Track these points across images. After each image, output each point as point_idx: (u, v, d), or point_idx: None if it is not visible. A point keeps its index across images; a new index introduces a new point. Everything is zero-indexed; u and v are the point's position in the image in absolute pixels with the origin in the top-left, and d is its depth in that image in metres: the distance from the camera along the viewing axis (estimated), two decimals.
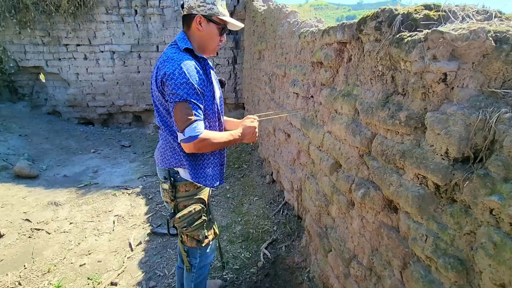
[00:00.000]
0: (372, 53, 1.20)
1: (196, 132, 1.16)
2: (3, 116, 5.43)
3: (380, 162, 1.16)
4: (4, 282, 2.07)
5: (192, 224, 1.32)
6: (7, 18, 5.48)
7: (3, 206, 3.08)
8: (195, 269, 1.47)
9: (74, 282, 2.09)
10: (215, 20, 1.26)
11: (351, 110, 1.38)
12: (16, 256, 2.36)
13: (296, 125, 2.24)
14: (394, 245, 1.08)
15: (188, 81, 1.14)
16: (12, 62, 5.80)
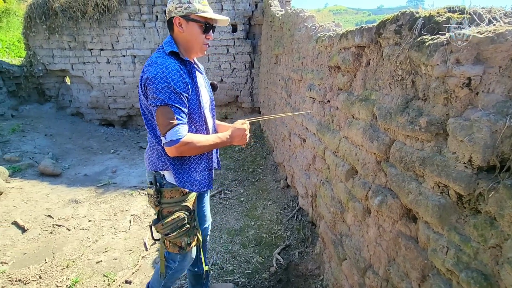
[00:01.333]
0: (392, 57, 1.17)
1: (177, 136, 1.15)
2: (31, 117, 5.73)
3: (398, 169, 1.12)
4: (26, 275, 2.16)
5: (175, 231, 1.31)
6: (37, 24, 5.81)
7: (28, 202, 3.23)
8: (171, 271, 1.45)
9: (91, 278, 2.15)
10: (194, 18, 1.22)
11: (368, 115, 1.35)
12: (38, 250, 2.46)
13: (311, 130, 2.22)
14: (412, 256, 1.04)
15: (169, 85, 1.13)
16: (40, 66, 6.12)
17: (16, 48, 10.26)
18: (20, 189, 3.51)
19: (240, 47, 5.67)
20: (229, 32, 5.62)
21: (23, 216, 2.93)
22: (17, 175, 3.88)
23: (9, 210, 3.03)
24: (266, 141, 4.77)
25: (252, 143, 4.83)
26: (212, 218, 2.88)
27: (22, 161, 4.15)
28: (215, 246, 2.51)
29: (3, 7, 11.78)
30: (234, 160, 4.43)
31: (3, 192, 3.33)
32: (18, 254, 2.41)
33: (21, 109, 5.79)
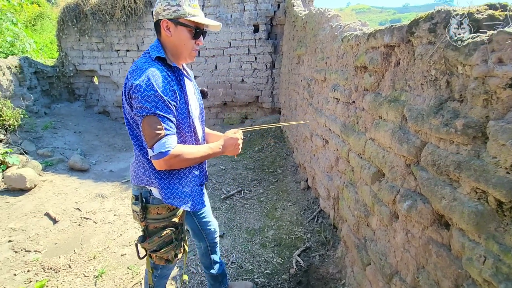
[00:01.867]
0: (425, 57, 1.13)
1: (166, 148, 1.06)
2: (62, 115, 6.04)
3: (430, 173, 1.08)
4: (57, 263, 2.28)
5: (162, 248, 1.26)
6: (69, 27, 6.12)
7: (58, 195, 3.41)
8: (156, 278, 1.42)
9: (116, 270, 2.23)
10: (183, 22, 1.13)
11: (398, 116, 1.31)
12: (68, 241, 2.59)
13: (335, 131, 2.18)
14: (444, 264, 0.99)
15: (156, 93, 1.04)
16: (71, 66, 6.45)
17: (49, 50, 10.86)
18: (51, 183, 3.71)
19: (262, 47, 5.68)
20: (251, 33, 5.64)
21: (54, 208, 3.09)
22: (49, 169, 4.11)
23: (42, 202, 3.22)
24: (286, 142, 4.75)
25: (272, 143, 4.82)
26: (231, 217, 2.93)
27: (53, 156, 4.39)
28: (235, 245, 2.53)
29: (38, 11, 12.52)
30: (253, 160, 4.44)
31: (37, 185, 3.54)
32: (50, 243, 2.55)
33: (53, 107, 6.12)
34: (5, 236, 2.63)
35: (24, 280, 2.13)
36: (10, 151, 3.84)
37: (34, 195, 3.36)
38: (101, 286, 2.08)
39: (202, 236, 1.61)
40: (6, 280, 2.13)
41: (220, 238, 2.60)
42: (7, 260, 2.34)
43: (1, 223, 2.82)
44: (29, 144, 4.44)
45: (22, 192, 3.39)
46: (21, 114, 4.59)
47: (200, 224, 1.58)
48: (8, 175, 3.38)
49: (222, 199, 3.29)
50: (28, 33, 9.09)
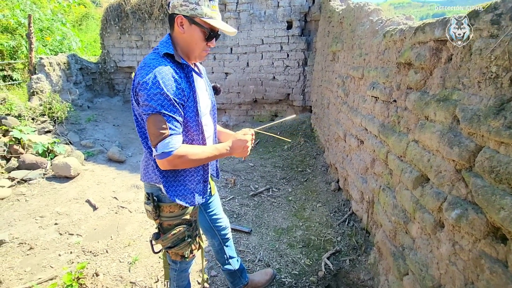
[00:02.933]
0: (484, 52, 1.02)
1: (169, 148, 1.04)
2: (103, 108, 6.43)
3: (487, 180, 0.97)
4: (96, 247, 2.43)
5: (177, 245, 1.28)
6: (112, 26, 6.48)
7: (98, 184, 3.64)
8: (176, 272, 1.45)
9: (148, 259, 2.33)
10: (198, 22, 1.09)
11: (448, 117, 1.20)
12: (106, 227, 2.75)
13: (372, 131, 2.08)
14: (499, 282, 0.89)
15: (162, 91, 1.02)
16: (112, 63, 6.83)
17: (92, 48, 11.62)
18: (92, 172, 3.97)
19: (295, 44, 5.59)
20: (284, 29, 5.57)
21: (94, 196, 3.30)
22: (90, 159, 4.39)
23: (83, 190, 3.45)
24: (316, 141, 4.64)
25: (302, 142, 4.74)
26: (259, 214, 2.92)
27: (94, 147, 4.69)
28: (262, 242, 2.52)
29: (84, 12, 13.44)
30: (282, 159, 4.40)
31: (80, 174, 3.80)
32: (90, 228, 2.72)
33: (95, 101, 6.54)
34: (52, 219, 2.86)
35: (67, 260, 2.30)
36: (57, 141, 4.16)
37: (77, 183, 3.62)
38: (134, 272, 2.18)
39: (214, 232, 1.62)
40: (52, 259, 2.31)
41: (247, 235, 2.61)
42: (53, 241, 2.54)
43: (49, 207, 3.06)
44: (74, 135, 4.78)
45: (67, 179, 3.66)
46: (68, 107, 4.96)
47: (211, 220, 1.59)
48: (56, 163, 3.67)
49: (250, 196, 3.29)
50: (75, 32, 9.80)
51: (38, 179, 3.56)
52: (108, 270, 2.19)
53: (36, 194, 3.31)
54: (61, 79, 5.54)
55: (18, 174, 3.53)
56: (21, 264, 2.27)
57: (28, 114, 4.39)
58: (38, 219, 2.86)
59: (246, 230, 2.65)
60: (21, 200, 3.19)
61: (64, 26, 9.03)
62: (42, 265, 2.25)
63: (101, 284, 2.06)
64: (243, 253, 2.39)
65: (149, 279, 2.12)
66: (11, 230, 2.67)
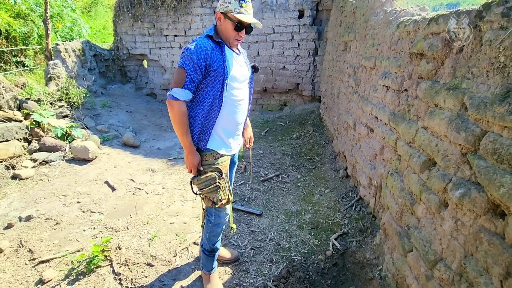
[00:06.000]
0: (494, 43, 1.09)
1: (176, 95, 1.40)
2: (116, 95, 6.57)
3: (489, 161, 1.07)
4: (117, 224, 2.60)
5: (207, 187, 1.56)
6: (124, 13, 6.55)
7: (115, 166, 3.80)
8: (211, 224, 1.75)
9: (166, 236, 2.49)
10: (229, 16, 1.44)
11: (456, 104, 1.28)
12: (125, 206, 2.92)
13: (382, 119, 2.16)
14: (496, 252, 1.00)
15: (191, 56, 1.38)
16: (125, 50, 6.93)
17: (102, 35, 11.71)
18: (109, 155, 4.13)
19: (306, 33, 5.60)
20: (295, 18, 5.57)
21: (112, 178, 3.47)
22: (106, 143, 4.56)
23: (102, 172, 3.62)
24: (325, 130, 4.72)
25: (311, 131, 4.82)
26: (270, 199, 3.05)
27: (109, 132, 4.85)
28: (273, 224, 2.65)
29: None
30: (291, 147, 4.50)
31: (97, 157, 3.97)
32: (110, 207, 2.89)
33: (108, 88, 6.68)
34: (74, 198, 3.03)
35: (91, 235, 2.47)
36: (75, 125, 4.33)
37: (95, 165, 3.79)
38: (154, 247, 2.34)
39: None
40: (77, 234, 2.49)
41: (258, 217, 2.75)
42: (77, 217, 2.71)
43: (70, 186, 3.24)
44: (90, 120, 4.94)
45: (86, 162, 3.83)
46: (84, 93, 5.10)
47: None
48: (74, 146, 3.84)
49: (260, 181, 3.42)
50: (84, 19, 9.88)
51: (58, 161, 3.74)
52: (129, 245, 2.36)
53: (58, 175, 3.50)
54: (76, 65, 5.68)
55: (40, 155, 3.72)
56: (49, 237, 2.45)
57: (47, 98, 4.55)
58: (62, 197, 3.04)
59: (257, 212, 2.79)
60: (44, 180, 3.37)
61: (74, 13, 9.11)
62: (68, 239, 2.43)
63: (124, 256, 2.23)
64: (255, 233, 2.53)
65: (168, 253, 2.28)
66: (38, 207, 2.86)
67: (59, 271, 2.08)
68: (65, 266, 2.13)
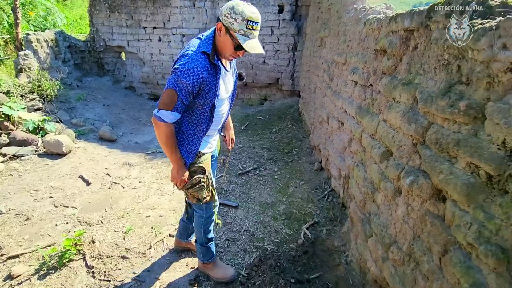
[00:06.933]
0: (440, 41, 1.19)
1: (164, 118, 1.35)
2: (92, 88, 6.38)
3: (433, 150, 1.16)
4: (91, 218, 2.58)
5: (193, 187, 1.59)
6: (101, 3, 6.33)
7: (90, 161, 3.73)
8: (203, 218, 1.79)
9: (141, 229, 2.49)
10: (231, 34, 1.31)
11: (409, 98, 1.38)
12: (99, 201, 2.89)
13: (351, 113, 2.26)
14: (437, 232, 1.10)
15: (186, 82, 1.30)
16: (101, 42, 6.72)
17: (78, 25, 11.24)
18: (84, 150, 4.04)
19: (285, 28, 5.65)
20: (275, 13, 5.61)
21: (87, 172, 3.40)
22: (81, 137, 4.45)
23: (76, 166, 3.54)
24: (303, 124, 4.83)
25: (290, 125, 4.91)
26: (246, 191, 3.11)
27: (85, 126, 4.73)
28: (248, 215, 2.72)
29: None
30: (270, 141, 4.57)
31: (71, 151, 3.87)
32: (84, 202, 2.86)
33: (84, 80, 6.47)
34: (47, 193, 2.97)
35: (64, 230, 2.44)
36: (48, 119, 4.19)
37: (69, 160, 3.70)
38: (128, 240, 2.35)
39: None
40: (49, 229, 2.45)
41: (234, 209, 2.81)
42: (49, 212, 2.66)
43: (42, 181, 3.16)
44: (64, 114, 4.79)
45: (59, 156, 3.73)
46: (57, 85, 4.93)
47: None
48: (47, 140, 3.72)
49: (238, 175, 3.47)
50: (59, 8, 9.44)
51: (30, 156, 3.62)
52: (104, 238, 2.35)
53: (29, 169, 3.39)
54: (49, 57, 5.46)
55: (10, 150, 3.58)
56: (19, 232, 2.40)
57: (17, 91, 4.37)
58: (33, 192, 2.96)
59: (233, 204, 2.84)
60: (14, 175, 3.27)
61: (48, 1, 8.69)
62: (40, 234, 2.39)
63: (97, 250, 2.22)
64: (230, 224, 2.58)
65: (143, 246, 2.30)
66: (7, 202, 2.78)
67: (29, 266, 2.05)
68: (36, 261, 2.10)
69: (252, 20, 1.28)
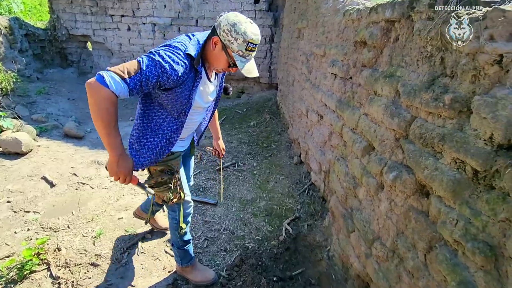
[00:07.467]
0: (423, 33, 1.15)
1: (112, 81, 1.05)
2: (55, 80, 5.91)
3: (417, 145, 1.14)
4: (56, 223, 2.37)
5: (159, 186, 1.51)
6: None
7: (54, 160, 3.44)
8: (176, 220, 1.68)
9: (113, 232, 2.33)
10: (228, 52, 1.21)
11: (392, 92, 1.35)
12: (65, 203, 2.67)
13: (330, 107, 2.22)
14: (421, 228, 1.09)
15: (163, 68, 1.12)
16: (64, 30, 6.21)
17: (38, 12, 10.34)
18: (47, 148, 3.72)
19: (262, 19, 5.52)
20: (251, 3, 5.46)
21: (51, 172, 3.13)
22: (43, 134, 4.10)
23: (38, 166, 3.25)
24: (281, 118, 4.78)
25: (268, 118, 4.85)
26: (225, 188, 3.02)
27: (48, 122, 4.36)
28: (227, 213, 2.64)
29: None
30: (248, 135, 4.49)
31: (32, 150, 3.55)
32: (48, 205, 2.62)
33: (45, 72, 5.97)
34: (4, 197, 2.69)
35: (25, 237, 2.22)
36: (3, 115, 3.80)
37: (30, 159, 3.39)
38: (99, 245, 2.18)
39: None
40: (7, 237, 2.22)
41: (213, 207, 2.71)
42: (6, 219, 2.41)
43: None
44: (23, 109, 4.39)
45: (18, 156, 3.41)
46: (13, 77, 4.49)
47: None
48: (3, 139, 3.38)
49: (216, 171, 3.36)
50: None
51: None
52: (71, 245, 2.17)
53: None
54: (3, 46, 4.95)
55: None
56: None
57: None
58: None
59: (212, 202, 2.74)
60: None
61: None
62: None
63: (64, 258, 2.04)
64: (209, 223, 2.49)
65: (115, 251, 2.14)
66: None
67: None
68: None
69: (253, 42, 1.20)
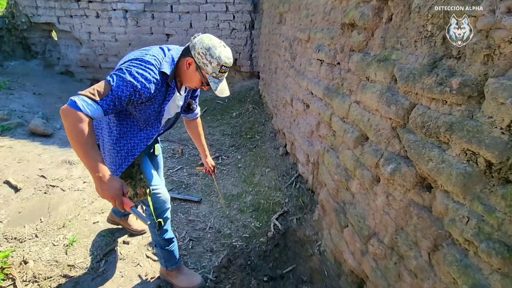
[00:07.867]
0: (423, 9, 1.04)
1: (82, 105, 1.06)
2: (17, 74, 5.42)
3: (418, 135, 1.04)
4: (22, 233, 2.14)
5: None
6: None
7: (19, 161, 3.13)
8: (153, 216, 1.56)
9: (88, 238, 2.14)
10: (202, 73, 1.27)
11: (387, 77, 1.24)
12: (33, 209, 2.42)
13: (317, 95, 2.10)
14: (424, 225, 1.00)
15: (135, 87, 1.14)
16: (24, 18, 5.66)
17: None
18: (10, 148, 3.39)
19: (241, 4, 5.27)
20: None
21: (15, 175, 2.85)
22: (6, 134, 3.73)
23: (0, 169, 2.94)
24: (265, 107, 4.64)
25: (251, 109, 4.69)
26: (209, 183, 2.87)
27: (11, 120, 3.98)
28: (212, 210, 2.50)
29: None
30: (231, 126, 4.33)
31: None
32: (12, 212, 2.37)
33: (5, 65, 5.46)
34: None
35: None
36: None
37: None
38: (72, 254, 1.99)
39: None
40: None
41: (197, 204, 2.57)
42: None
43: None
44: None
45: None
46: None
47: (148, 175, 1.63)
48: None
49: (199, 165, 3.19)
50: None
51: None
52: (39, 256, 1.96)
53: None
54: None
55: None
56: None
57: None
58: None
59: (195, 199, 2.60)
60: None
61: None
62: None
63: (31, 271, 1.84)
64: (193, 222, 2.35)
65: (91, 259, 1.96)
66: None
67: None
68: None
69: (226, 65, 1.26)
